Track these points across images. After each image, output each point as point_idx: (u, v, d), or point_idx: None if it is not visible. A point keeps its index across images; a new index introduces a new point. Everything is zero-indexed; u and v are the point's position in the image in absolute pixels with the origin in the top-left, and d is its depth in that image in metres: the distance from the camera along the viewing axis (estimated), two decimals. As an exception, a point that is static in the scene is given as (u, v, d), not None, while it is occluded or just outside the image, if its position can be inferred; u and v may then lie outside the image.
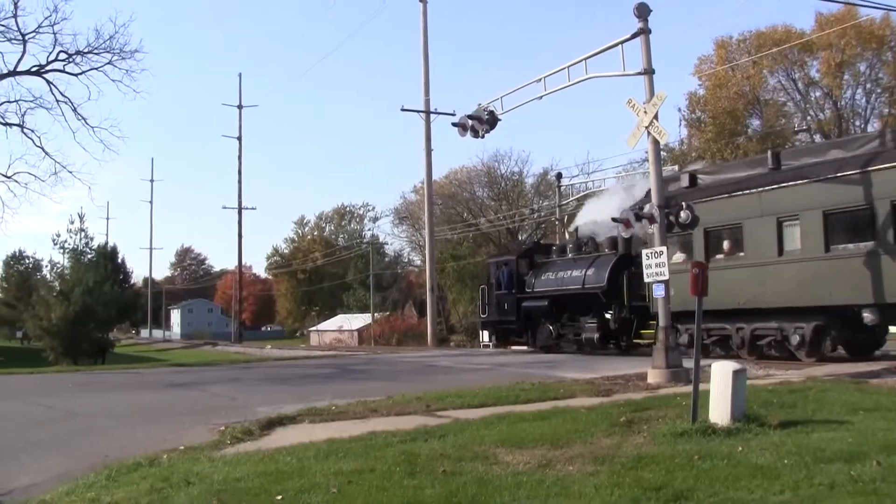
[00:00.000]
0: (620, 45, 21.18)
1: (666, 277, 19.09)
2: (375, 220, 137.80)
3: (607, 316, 32.95)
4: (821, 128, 62.83)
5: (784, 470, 9.04)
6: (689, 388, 12.42)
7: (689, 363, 16.06)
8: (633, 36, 20.82)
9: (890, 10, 36.85)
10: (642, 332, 30.47)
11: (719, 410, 11.75)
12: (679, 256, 27.89)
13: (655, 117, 20.03)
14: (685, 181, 28.84)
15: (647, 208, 20.47)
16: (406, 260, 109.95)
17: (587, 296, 33.27)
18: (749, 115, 66.65)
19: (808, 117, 64.55)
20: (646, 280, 19.73)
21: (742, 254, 26.16)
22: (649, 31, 20.68)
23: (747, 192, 26.04)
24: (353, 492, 8.58)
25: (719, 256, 26.89)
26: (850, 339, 24.84)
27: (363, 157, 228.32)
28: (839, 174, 23.13)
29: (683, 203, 20.64)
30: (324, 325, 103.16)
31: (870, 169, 22.34)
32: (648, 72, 20.58)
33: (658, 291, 19.46)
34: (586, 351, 33.38)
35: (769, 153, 26.92)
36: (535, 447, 10.76)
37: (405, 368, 28.02)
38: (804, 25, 66.34)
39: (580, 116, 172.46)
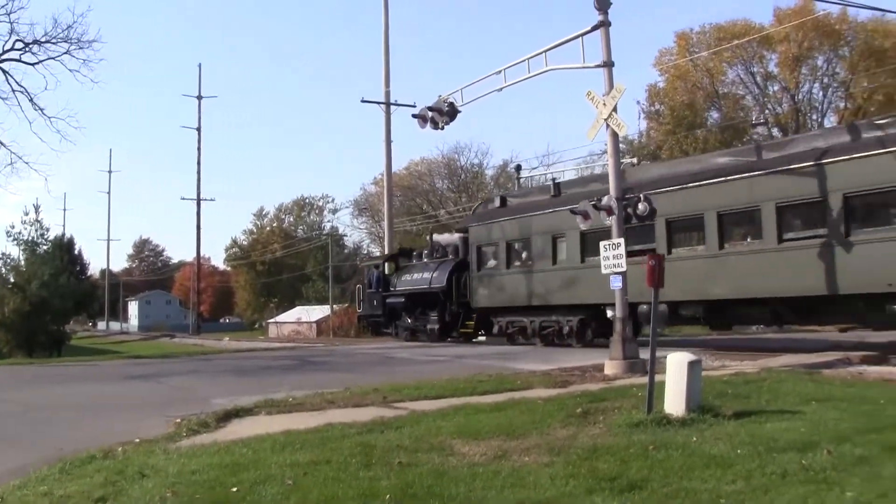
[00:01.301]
0: (580, 38, 21.23)
1: (623, 269, 19.21)
2: (335, 211, 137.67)
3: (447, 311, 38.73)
4: (778, 121, 63.35)
5: (737, 460, 9.14)
6: (646, 380, 12.49)
7: (645, 354, 16.16)
8: (593, 28, 20.87)
9: (846, 4, 37.13)
10: (468, 322, 37.28)
11: (674, 401, 11.84)
12: (493, 262, 35.42)
13: (614, 110, 20.11)
14: (497, 202, 36.83)
15: (605, 200, 20.55)
16: (365, 252, 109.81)
17: (433, 294, 39.07)
18: (708, 107, 67.06)
19: (766, 110, 65.06)
20: (603, 271, 19.79)
21: (531, 263, 33.01)
22: (609, 24, 20.75)
23: (535, 213, 32.84)
24: (308, 483, 8.57)
25: (517, 264, 33.96)
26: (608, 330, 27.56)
27: (324, 149, 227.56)
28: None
29: (641, 195, 20.77)
30: (282, 317, 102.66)
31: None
32: (608, 64, 20.64)
33: (615, 283, 19.55)
34: (432, 339, 38.80)
35: (552, 183, 34.77)
36: (491, 438, 10.79)
37: (363, 360, 27.98)
38: (763, 20, 66.85)
39: (541, 108, 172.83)
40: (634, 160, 47.45)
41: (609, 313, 26.23)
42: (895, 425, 11.21)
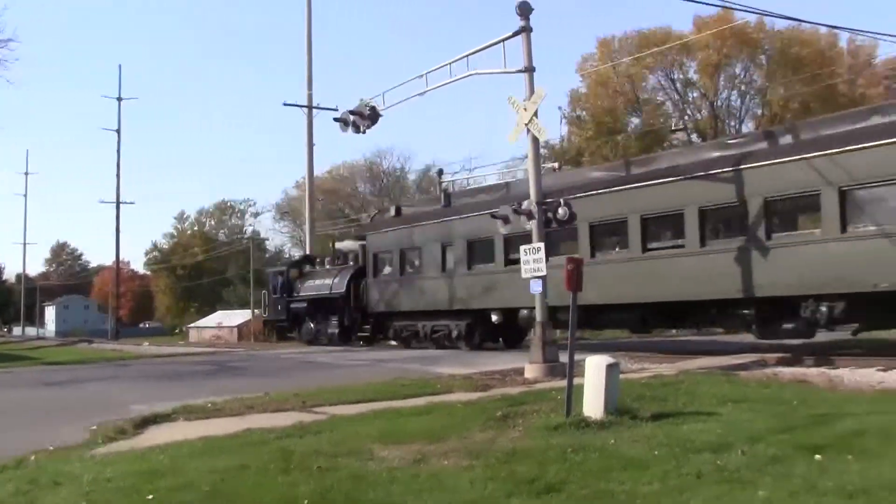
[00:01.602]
0: (502, 43, 21.34)
1: (543, 273, 19.31)
2: (256, 215, 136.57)
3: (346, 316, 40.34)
4: (697, 127, 64.28)
5: (654, 461, 9.25)
6: (565, 383, 12.57)
7: (565, 357, 16.27)
8: (515, 34, 20.99)
9: (764, 14, 37.84)
10: (364, 327, 38.82)
11: (593, 404, 11.94)
12: (388, 269, 36.83)
13: (535, 115, 20.23)
14: (393, 212, 39.08)
15: (525, 204, 20.67)
16: (287, 255, 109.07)
17: (333, 299, 40.54)
18: (629, 113, 67.74)
19: (686, 117, 65.96)
20: (523, 275, 19.89)
21: (422, 270, 34.54)
22: (531, 30, 20.87)
23: (427, 223, 34.51)
24: (226, 489, 8.50)
25: (410, 271, 35.43)
26: (494, 334, 32.88)
27: (246, 153, 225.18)
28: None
29: (562, 200, 20.93)
30: (203, 322, 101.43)
31: (452, 218, 31.83)
32: (529, 69, 20.77)
33: (535, 287, 19.63)
34: (332, 343, 40.10)
35: (442, 193, 36.83)
36: (411, 442, 10.78)
37: (284, 365, 27.76)
38: (684, 27, 67.62)
39: (464, 113, 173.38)
40: (556, 165, 47.83)
41: (494, 318, 30.68)
42: (807, 425, 11.48)
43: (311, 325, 43.02)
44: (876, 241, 19.95)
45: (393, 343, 37.93)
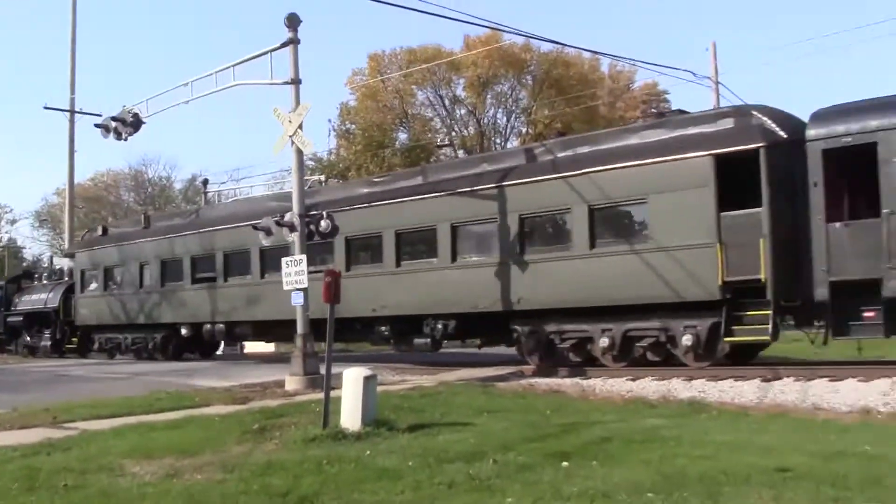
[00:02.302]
0: (270, 54, 21.18)
1: (305, 285, 19.23)
2: (14, 222, 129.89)
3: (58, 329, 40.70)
4: (464, 143, 65.41)
5: (408, 471, 9.40)
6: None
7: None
8: (283, 45, 20.84)
9: (530, 37, 39.36)
10: (73, 339, 39.47)
11: (351, 416, 12.02)
12: (94, 285, 37.44)
13: (300, 127, 20.15)
14: (100, 231, 39.34)
15: (287, 216, 20.55)
16: (46, 265, 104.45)
17: (47, 313, 41.03)
18: (397, 128, 68.28)
19: (453, 133, 67.05)
20: (285, 287, 19.77)
21: (123, 286, 35.57)
22: (298, 42, 20.76)
23: (128, 242, 35.62)
24: (-39, 510, 8.09)
25: (113, 287, 36.34)
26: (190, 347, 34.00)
27: (2, 157, 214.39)
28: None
29: (324, 213, 20.95)
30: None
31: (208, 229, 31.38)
32: (296, 82, 20.67)
33: (297, 299, 19.54)
34: (46, 355, 40.21)
35: (143, 216, 38.03)
36: (164, 457, 10.56)
37: (35, 378, 26.49)
38: (454, 46, 68.61)
39: (233, 123, 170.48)
40: (322, 178, 47.90)
41: (183, 331, 32.18)
42: (557, 434, 11.95)
43: (27, 338, 43.55)
44: (480, 269, 22.62)
45: (98, 354, 38.88)
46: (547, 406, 15.16)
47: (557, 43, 44.85)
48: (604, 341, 20.35)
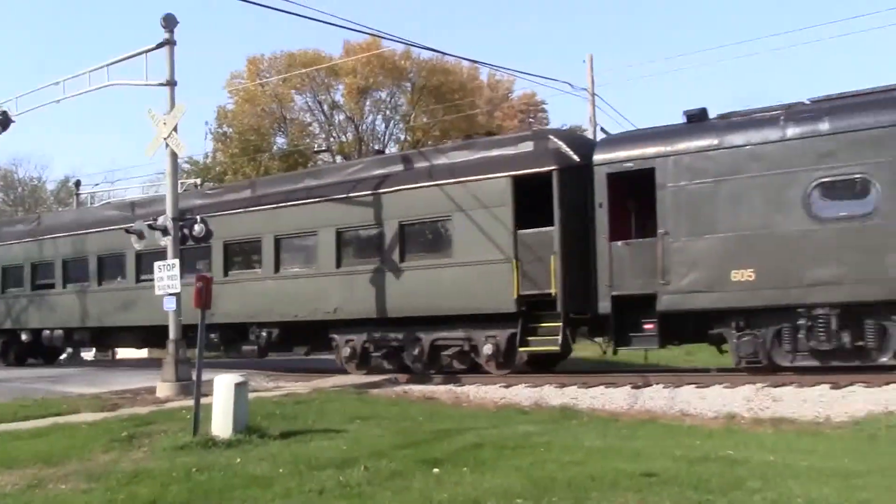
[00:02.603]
0: (145, 55, 20.80)
1: (177, 290, 18.94)
2: None
3: None
4: (342, 149, 65.14)
5: (278, 479, 9.34)
6: (195, 402, 12.41)
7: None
8: (158, 46, 20.48)
9: (410, 44, 39.57)
10: None
11: (222, 423, 11.89)
12: None
13: (175, 129, 19.84)
14: None
15: (160, 220, 20.20)
16: None
17: None
18: (275, 132, 67.68)
19: (332, 138, 66.72)
20: (157, 292, 19.46)
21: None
22: (174, 43, 20.42)
23: None
24: None
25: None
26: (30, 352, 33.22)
27: None
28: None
29: (198, 217, 20.68)
30: None
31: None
32: (171, 83, 20.32)
33: (168, 304, 19.23)
34: None
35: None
36: (27, 467, 10.32)
37: None
38: (335, 51, 68.20)
39: (108, 124, 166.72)
40: (197, 181, 47.24)
41: (23, 336, 32.05)
42: (430, 440, 12.01)
43: None
44: (300, 280, 23.45)
45: None
46: (420, 413, 15.24)
47: (437, 51, 44.78)
48: (414, 350, 21.57)
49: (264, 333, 24.20)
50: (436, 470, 9.71)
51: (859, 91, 17.54)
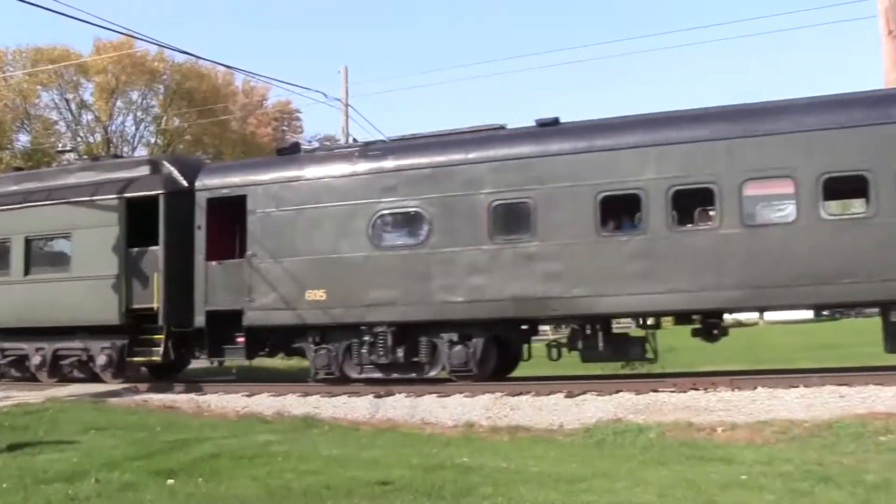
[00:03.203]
0: None
1: None
2: None
3: None
4: (90, 150, 62.86)
5: (2, 494, 8.93)
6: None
7: None
8: None
9: (164, 46, 38.86)
10: None
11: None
12: None
13: None
14: None
15: None
16: None
17: None
18: (17, 129, 64.86)
19: (79, 138, 64.39)
20: None
21: None
22: None
23: None
24: None
25: None
26: None
27: None
28: None
29: None
30: None
31: None
32: None
33: None
34: None
35: None
36: None
37: None
38: (85, 49, 65.78)
39: None
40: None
41: None
42: (166, 450, 11.82)
43: None
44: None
45: None
46: (158, 422, 14.99)
47: (191, 55, 44.32)
48: (37, 359, 22.35)
49: None
50: (170, 481, 9.58)
51: (437, 132, 19.93)
